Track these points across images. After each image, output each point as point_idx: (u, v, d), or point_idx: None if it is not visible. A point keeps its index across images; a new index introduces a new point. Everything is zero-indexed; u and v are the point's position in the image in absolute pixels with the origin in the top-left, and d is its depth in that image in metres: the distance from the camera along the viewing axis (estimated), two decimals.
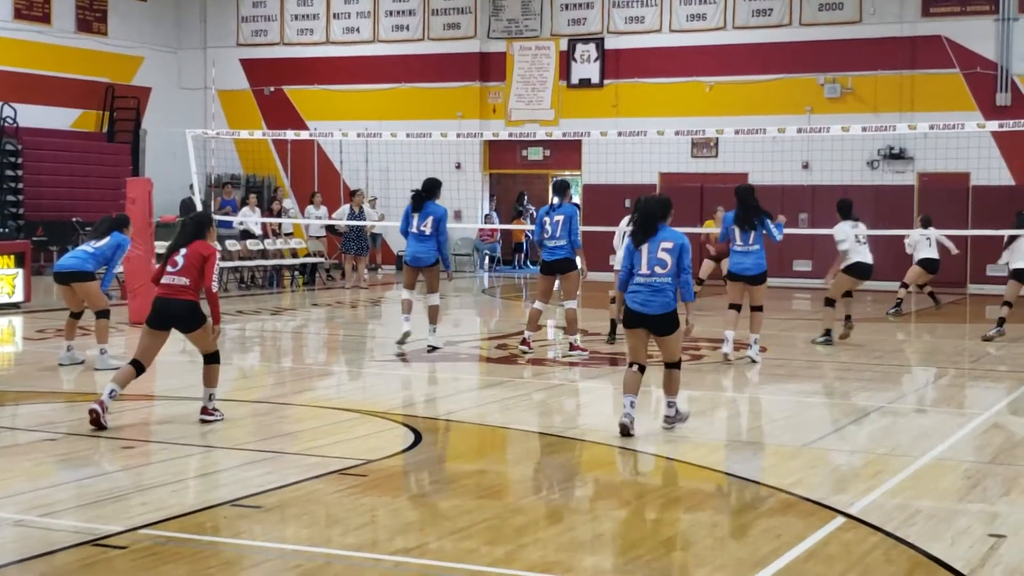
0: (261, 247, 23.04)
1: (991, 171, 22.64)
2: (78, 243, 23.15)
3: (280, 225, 24.11)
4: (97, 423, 8.51)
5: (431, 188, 13.09)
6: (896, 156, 24.00)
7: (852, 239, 13.88)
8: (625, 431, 8.47)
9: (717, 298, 16.77)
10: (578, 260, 12.85)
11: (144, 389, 11.19)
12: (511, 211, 28.65)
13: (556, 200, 13.34)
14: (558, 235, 12.76)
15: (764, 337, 15.17)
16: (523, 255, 29.01)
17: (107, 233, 11.69)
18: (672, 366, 8.78)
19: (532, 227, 27.79)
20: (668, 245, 8.57)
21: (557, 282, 13.13)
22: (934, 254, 17.56)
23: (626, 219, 14.31)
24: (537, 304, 13.03)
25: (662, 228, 8.67)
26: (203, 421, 8.88)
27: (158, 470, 7.49)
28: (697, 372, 12.24)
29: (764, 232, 12.52)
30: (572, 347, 12.95)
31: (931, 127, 16.82)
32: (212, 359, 9.13)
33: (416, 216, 12.94)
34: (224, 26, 29.69)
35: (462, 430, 9.13)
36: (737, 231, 12.52)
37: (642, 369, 8.69)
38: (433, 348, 12.98)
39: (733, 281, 12.85)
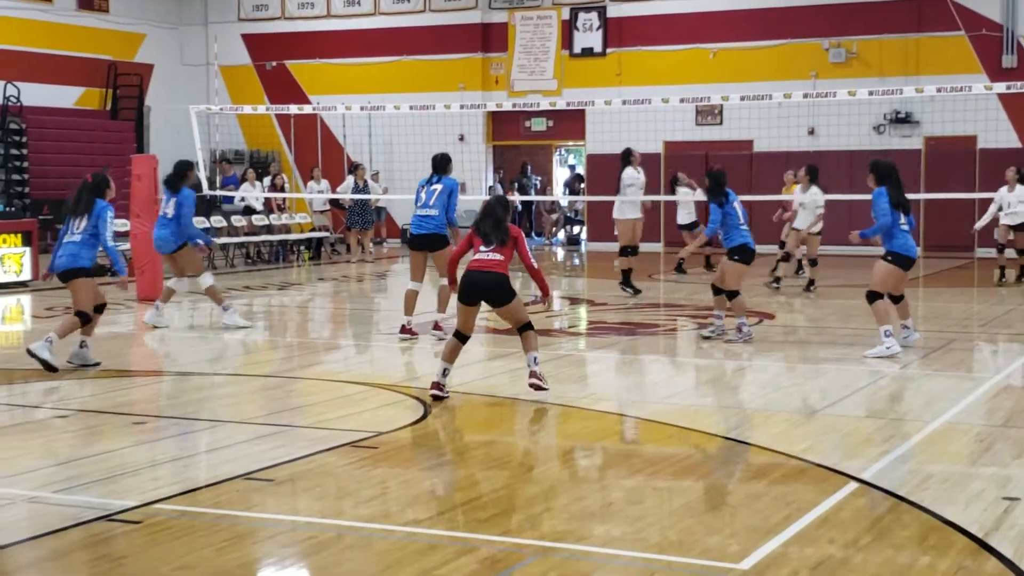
0: (267, 223, 23.03)
1: (998, 133, 22.52)
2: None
3: (284, 200, 24.09)
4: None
5: (440, 164, 12.33)
6: (902, 120, 23.88)
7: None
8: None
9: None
10: (451, 239, 11.82)
11: (152, 365, 11.21)
12: (514, 182, 28.59)
13: (435, 176, 12.25)
14: (431, 203, 11.82)
15: (772, 304, 15.18)
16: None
17: (89, 206, 10.47)
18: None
19: (533, 198, 27.84)
20: None
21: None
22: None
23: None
24: (411, 285, 11.97)
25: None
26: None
27: (169, 445, 7.51)
28: (707, 339, 12.23)
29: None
30: (436, 326, 11.92)
31: (938, 90, 16.74)
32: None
33: (424, 192, 12.12)
34: (225, 1, 29.56)
35: (471, 401, 9.13)
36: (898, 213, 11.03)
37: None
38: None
39: (905, 269, 11.03)
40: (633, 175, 16.24)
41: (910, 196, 16.61)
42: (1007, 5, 23.20)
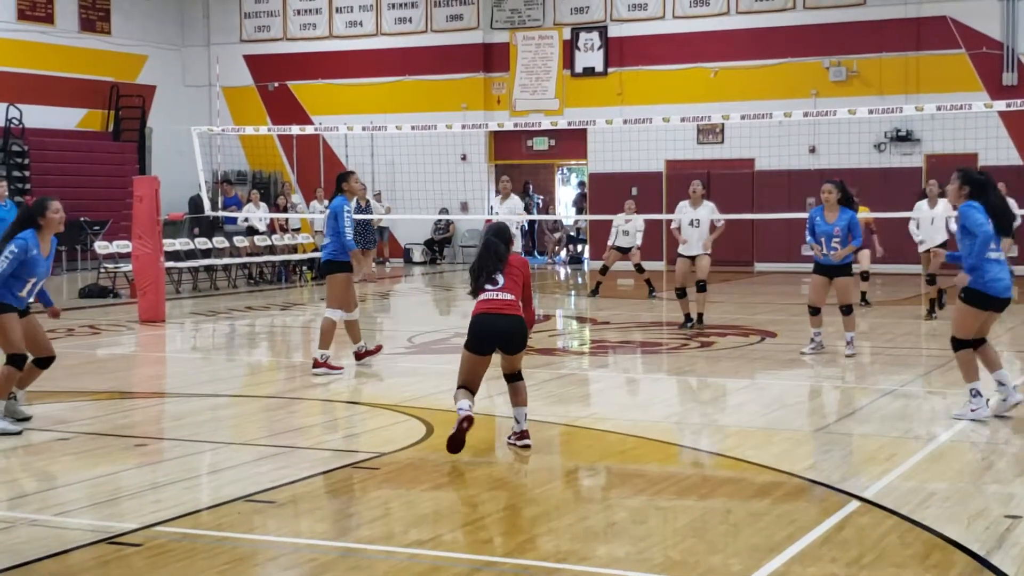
0: (269, 243, 23.06)
1: (999, 151, 22.54)
2: (87, 243, 23.29)
3: (287, 220, 24.12)
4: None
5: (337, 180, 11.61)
6: (903, 138, 23.91)
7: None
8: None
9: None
10: (356, 262, 11.24)
11: (154, 387, 11.21)
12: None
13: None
14: (328, 231, 11.19)
15: (774, 322, 15.17)
16: (520, 245, 29.05)
17: (10, 238, 8.69)
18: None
19: (539, 216, 27.88)
20: None
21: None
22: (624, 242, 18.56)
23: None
24: (328, 313, 11.25)
25: None
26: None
27: (171, 467, 7.50)
28: (709, 358, 12.23)
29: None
30: (316, 363, 11.08)
31: (938, 108, 16.75)
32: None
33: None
34: (227, 23, 29.68)
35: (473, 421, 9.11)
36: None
37: None
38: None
39: (984, 309, 8.85)
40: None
41: (909, 215, 16.51)
42: (1007, 23, 23.26)
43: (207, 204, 19.88)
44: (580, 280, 24.49)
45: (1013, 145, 22.98)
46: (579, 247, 28.56)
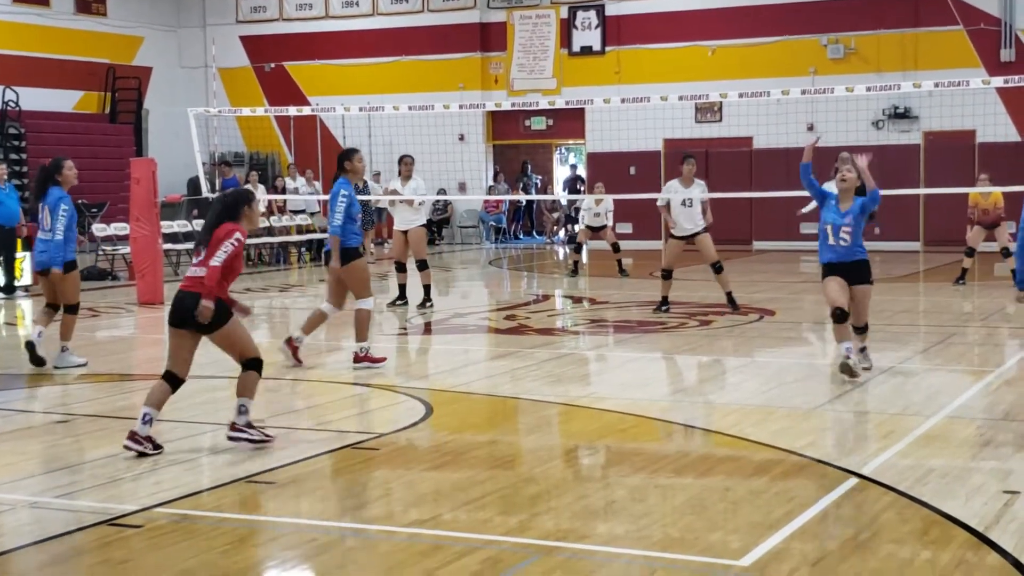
0: (267, 224, 23.04)
1: (997, 127, 22.52)
2: (85, 225, 23.25)
3: (285, 202, 24.08)
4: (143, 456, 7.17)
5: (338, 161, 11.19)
6: (901, 115, 23.88)
7: None
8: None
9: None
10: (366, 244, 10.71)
11: (154, 369, 11.21)
12: (514, 181, 28.61)
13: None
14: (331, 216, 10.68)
15: (771, 300, 15.18)
16: (518, 225, 29.08)
17: (43, 195, 10.33)
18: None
19: (536, 196, 27.86)
20: None
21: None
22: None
23: (674, 181, 14.07)
24: (324, 306, 10.76)
25: None
26: (231, 438, 7.43)
27: (171, 449, 7.51)
28: (708, 336, 12.25)
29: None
30: (357, 357, 10.43)
31: (936, 85, 16.72)
32: (248, 365, 7.53)
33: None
34: (223, 3, 29.58)
35: (473, 401, 9.14)
36: None
37: None
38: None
39: None
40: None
41: (908, 191, 16.46)
42: None
43: (205, 186, 19.85)
44: (577, 260, 24.47)
45: (1011, 121, 22.95)
46: (577, 227, 28.53)
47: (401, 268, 15.01)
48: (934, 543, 5.42)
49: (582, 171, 28.19)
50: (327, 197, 11.02)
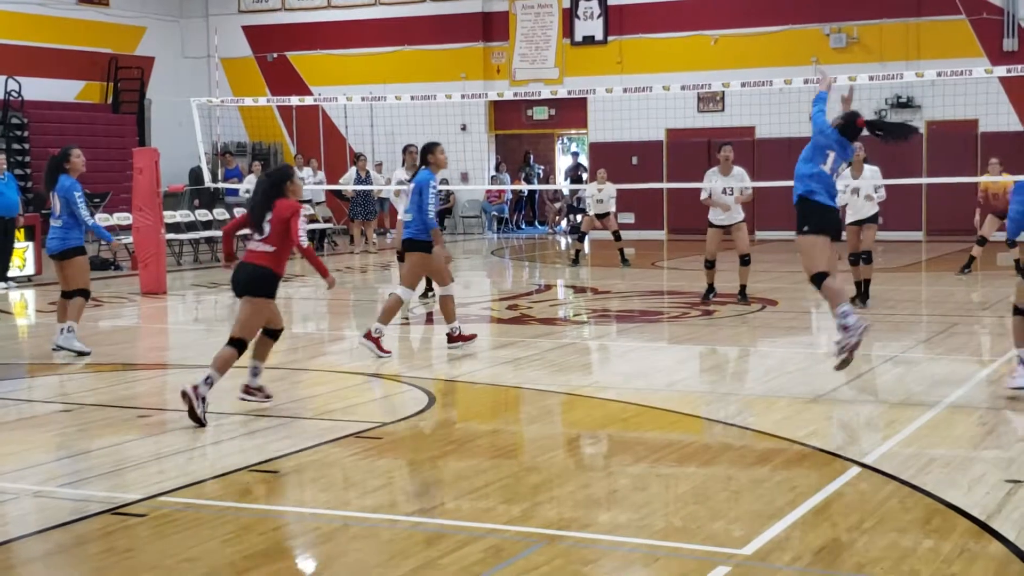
0: None
1: (999, 117, 22.47)
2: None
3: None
4: (192, 415, 7.65)
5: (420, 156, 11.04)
6: (904, 105, 23.84)
7: None
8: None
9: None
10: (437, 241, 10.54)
11: (157, 358, 11.24)
12: (517, 171, 28.60)
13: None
14: (408, 207, 10.70)
15: (773, 290, 15.18)
16: (520, 215, 29.08)
17: (54, 185, 10.60)
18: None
19: (539, 186, 27.85)
20: None
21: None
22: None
23: (712, 170, 13.99)
24: (399, 290, 10.75)
25: None
26: (243, 398, 8.24)
27: (174, 438, 7.53)
28: (710, 326, 12.25)
29: None
30: (368, 335, 10.45)
31: (938, 74, 16.68)
32: (272, 334, 8.31)
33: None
34: None
35: (475, 391, 9.16)
36: None
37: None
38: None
39: None
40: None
41: (911, 180, 16.38)
42: None
43: (207, 176, 19.86)
44: (579, 249, 24.48)
45: (1013, 111, 22.91)
46: (579, 217, 28.52)
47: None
48: (936, 532, 5.43)
49: (584, 160, 28.16)
50: (332, 187, 11.13)
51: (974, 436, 7.35)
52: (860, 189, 13.46)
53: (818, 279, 8.05)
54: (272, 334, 8.38)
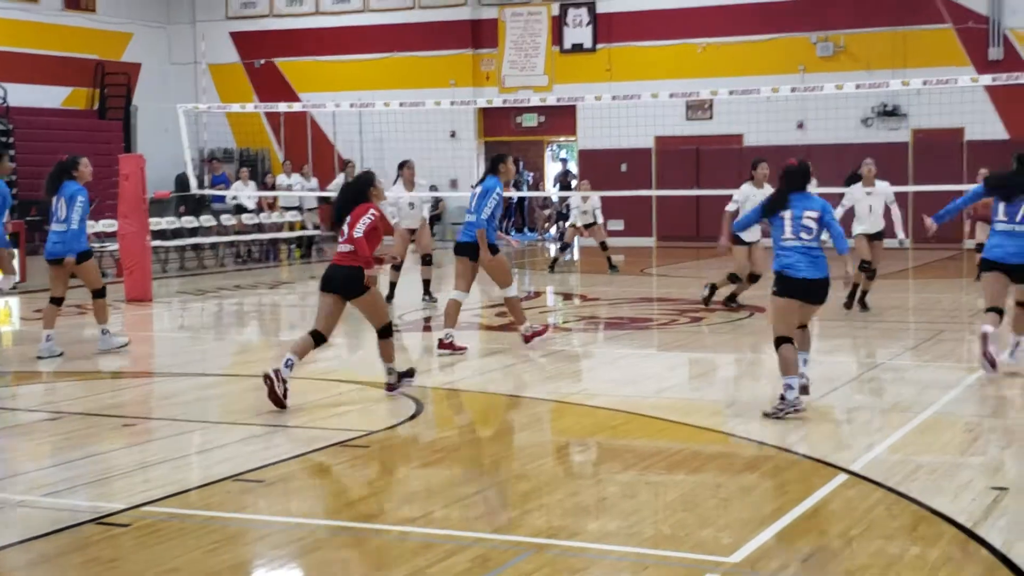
0: (257, 221, 23.00)
1: (985, 125, 22.57)
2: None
3: (276, 199, 24.02)
4: (273, 396, 8.28)
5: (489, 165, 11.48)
6: (890, 113, 23.91)
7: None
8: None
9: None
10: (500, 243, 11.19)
11: (143, 366, 11.19)
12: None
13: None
14: (472, 209, 11.11)
15: (763, 297, 15.17)
16: (509, 222, 29.08)
17: (57, 190, 10.96)
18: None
19: (528, 193, 27.83)
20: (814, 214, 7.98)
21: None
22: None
23: (746, 185, 13.78)
24: (454, 294, 11.14)
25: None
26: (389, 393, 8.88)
27: (160, 447, 7.49)
28: (699, 334, 12.25)
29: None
30: (441, 344, 10.84)
31: (924, 83, 16.76)
32: (383, 333, 8.85)
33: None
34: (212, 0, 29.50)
35: (464, 398, 9.13)
36: (1002, 205, 9.44)
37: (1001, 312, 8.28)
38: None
39: (989, 271, 9.48)
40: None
41: (897, 188, 16.33)
42: None
43: (193, 182, 19.81)
44: (569, 256, 24.49)
45: (999, 119, 22.99)
46: (566, 224, 28.53)
47: (397, 267, 14.95)
48: (923, 539, 5.43)
49: (572, 167, 28.17)
50: (325, 193, 11.43)
51: (961, 443, 7.35)
52: (872, 205, 13.39)
53: (777, 342, 8.04)
54: (382, 332, 8.93)
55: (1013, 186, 9.42)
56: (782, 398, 7.94)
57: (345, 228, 8.72)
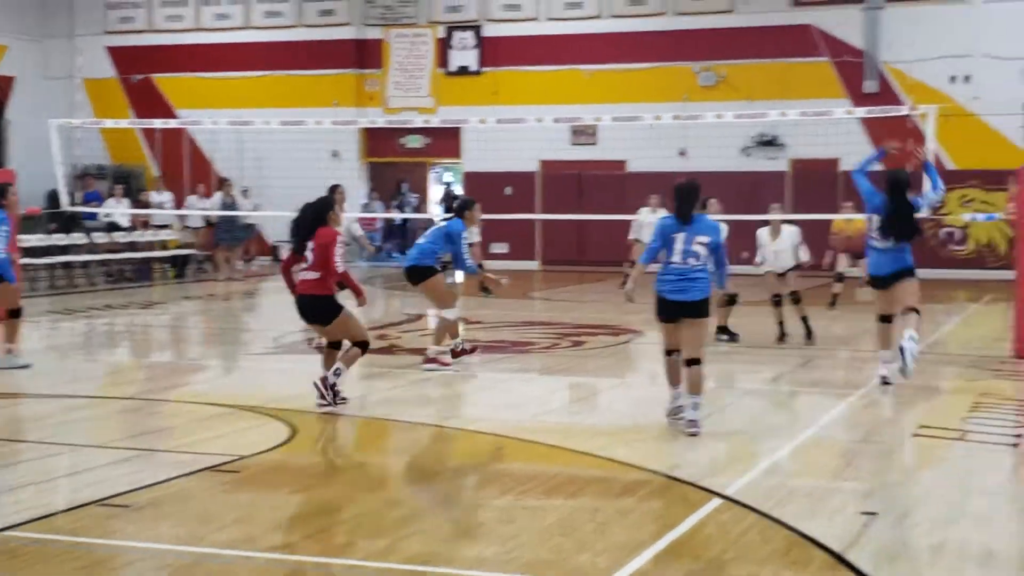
0: (130, 239, 22.45)
1: (859, 157, 23.02)
2: None
3: (151, 217, 23.49)
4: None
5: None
6: (769, 143, 24.45)
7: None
8: None
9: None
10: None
11: (10, 386, 10.79)
12: (390, 200, 28.43)
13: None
14: (429, 241, 11.29)
15: (645, 322, 15.32)
16: (392, 243, 28.92)
17: None
18: (693, 362, 8.25)
19: (411, 215, 27.72)
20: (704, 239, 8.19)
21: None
22: None
23: (646, 208, 14.01)
24: (445, 313, 11.42)
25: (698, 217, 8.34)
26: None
27: (25, 469, 7.21)
28: (580, 358, 12.29)
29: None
30: (457, 352, 11.40)
31: (801, 114, 17.15)
32: (361, 348, 9.09)
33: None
34: (91, 13, 28.77)
35: (340, 423, 8.98)
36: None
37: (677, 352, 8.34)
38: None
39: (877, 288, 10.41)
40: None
41: (774, 217, 16.61)
42: (868, 32, 23.96)
43: (64, 198, 19.26)
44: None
45: (873, 151, 23.65)
46: None
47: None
48: (794, 564, 5.48)
49: (457, 189, 28.15)
50: (198, 212, 11.38)
51: (834, 468, 7.48)
52: (778, 250, 14.00)
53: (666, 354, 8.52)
54: (336, 346, 9.15)
55: (895, 228, 10.26)
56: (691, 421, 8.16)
57: (309, 254, 8.84)
